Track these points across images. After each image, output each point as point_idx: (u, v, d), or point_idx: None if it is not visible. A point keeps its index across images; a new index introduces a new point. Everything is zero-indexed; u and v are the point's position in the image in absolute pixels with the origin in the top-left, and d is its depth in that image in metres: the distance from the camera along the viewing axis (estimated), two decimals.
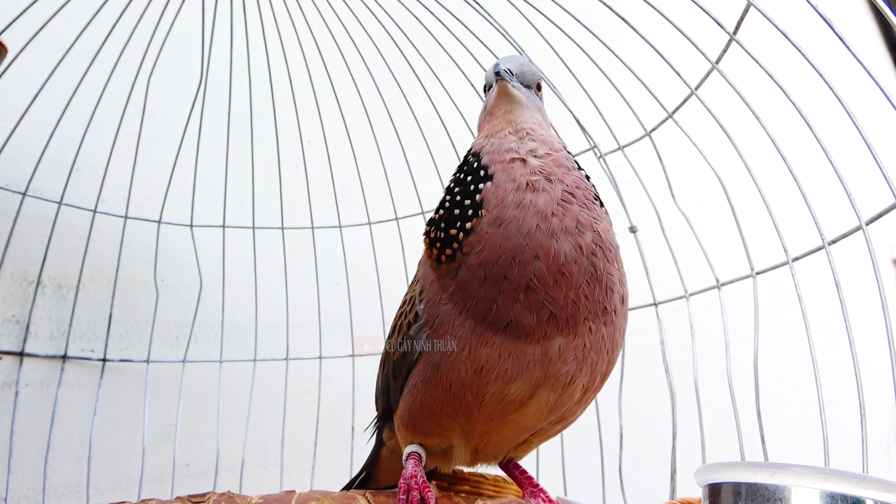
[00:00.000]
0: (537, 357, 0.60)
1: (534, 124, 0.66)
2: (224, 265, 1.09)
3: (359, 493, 0.67)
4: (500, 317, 0.59)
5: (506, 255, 0.58)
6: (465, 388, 0.62)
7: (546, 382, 0.61)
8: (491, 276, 0.59)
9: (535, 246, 0.58)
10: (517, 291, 0.58)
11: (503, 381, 0.61)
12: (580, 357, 0.61)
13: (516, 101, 0.67)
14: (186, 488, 1.02)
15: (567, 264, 0.58)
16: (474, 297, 0.60)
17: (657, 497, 0.79)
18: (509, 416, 0.64)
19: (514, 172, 0.60)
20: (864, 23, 3.53)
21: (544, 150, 0.63)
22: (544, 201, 0.59)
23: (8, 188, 0.92)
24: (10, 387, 0.93)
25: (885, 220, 0.63)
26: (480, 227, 0.60)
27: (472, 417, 0.64)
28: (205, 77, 0.99)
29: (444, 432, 0.67)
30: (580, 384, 0.63)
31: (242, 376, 1.11)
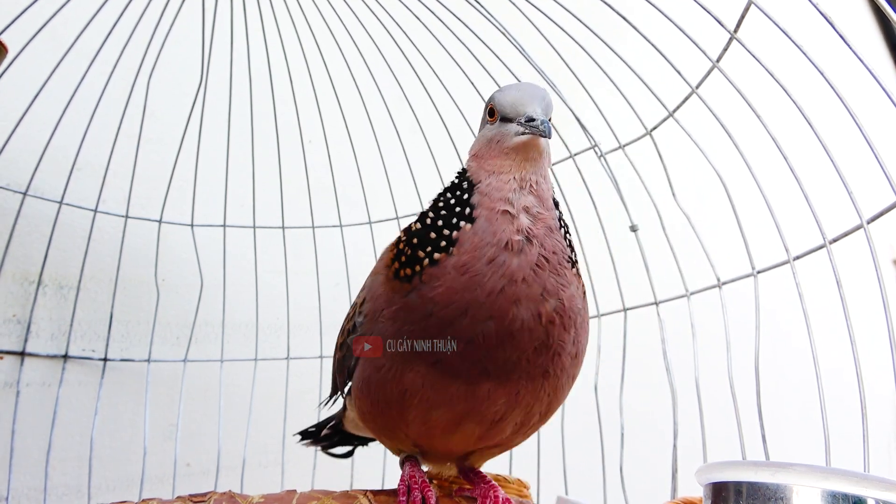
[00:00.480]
0: (462, 394, 0.59)
1: (541, 177, 0.62)
2: (225, 265, 1.09)
3: (359, 492, 0.67)
4: (432, 353, 0.59)
5: (459, 305, 0.57)
6: (391, 406, 0.63)
7: (470, 417, 0.61)
8: (437, 317, 0.58)
9: (492, 307, 0.56)
10: (458, 342, 0.57)
11: (426, 407, 0.61)
12: (511, 401, 0.60)
13: (542, 153, 0.62)
14: (187, 488, 1.02)
15: (520, 331, 0.57)
16: (412, 324, 0.60)
17: (658, 496, 0.79)
18: (436, 440, 0.64)
19: (499, 226, 0.58)
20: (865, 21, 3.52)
21: (538, 210, 0.60)
22: (518, 264, 0.57)
23: (9, 188, 0.92)
24: (12, 386, 0.93)
25: (886, 218, 0.63)
26: (446, 265, 0.58)
27: (405, 430, 0.65)
28: (205, 77, 0.99)
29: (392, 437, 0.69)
30: (512, 422, 0.62)
31: (243, 376, 1.11)
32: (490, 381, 0.59)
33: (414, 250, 0.60)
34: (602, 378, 0.96)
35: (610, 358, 0.96)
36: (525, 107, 0.61)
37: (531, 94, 0.63)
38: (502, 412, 0.61)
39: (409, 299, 0.60)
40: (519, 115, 0.61)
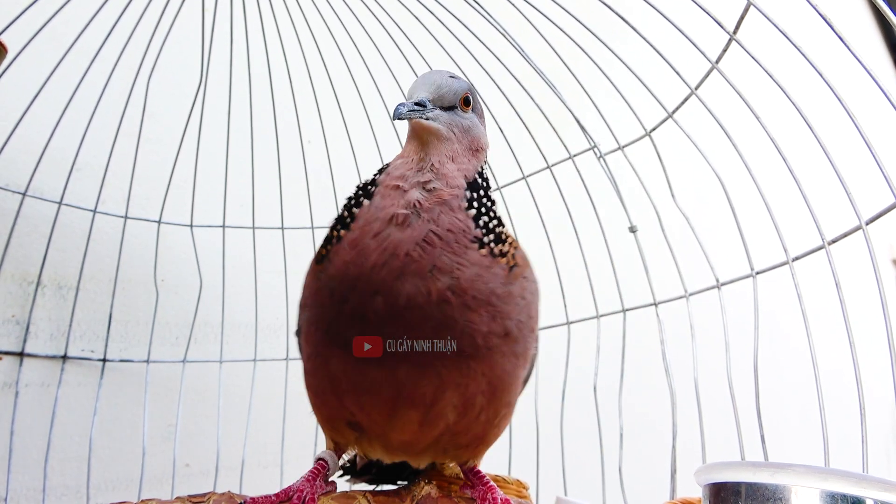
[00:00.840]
0: (383, 377, 0.59)
1: (444, 156, 0.62)
2: (224, 265, 1.09)
3: (359, 492, 0.67)
4: (339, 333, 0.59)
5: (348, 280, 0.58)
6: (328, 394, 0.64)
7: (402, 401, 0.60)
8: (336, 295, 0.59)
9: (376, 282, 0.56)
10: (354, 319, 0.58)
11: (356, 393, 0.61)
12: (437, 382, 0.59)
13: (431, 133, 0.62)
14: (187, 488, 1.02)
15: (407, 308, 0.56)
16: (321, 306, 0.61)
17: (657, 497, 0.79)
18: (383, 427, 0.63)
19: (387, 201, 0.59)
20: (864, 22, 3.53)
21: (435, 185, 0.60)
22: (401, 238, 0.56)
23: (8, 188, 0.92)
24: (11, 387, 0.93)
25: (885, 219, 0.63)
26: (343, 241, 0.59)
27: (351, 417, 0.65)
28: (205, 77, 0.99)
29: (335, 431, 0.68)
30: (449, 404, 0.61)
31: (242, 376, 1.11)
32: (406, 364, 0.58)
33: (330, 231, 0.62)
34: (601, 379, 0.96)
35: (609, 359, 0.96)
36: (414, 92, 0.63)
37: (423, 81, 0.64)
38: (431, 394, 0.60)
39: (320, 280, 0.61)
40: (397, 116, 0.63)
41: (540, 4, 0.85)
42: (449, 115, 0.64)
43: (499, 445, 1.03)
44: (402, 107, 0.60)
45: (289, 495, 0.63)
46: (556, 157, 0.99)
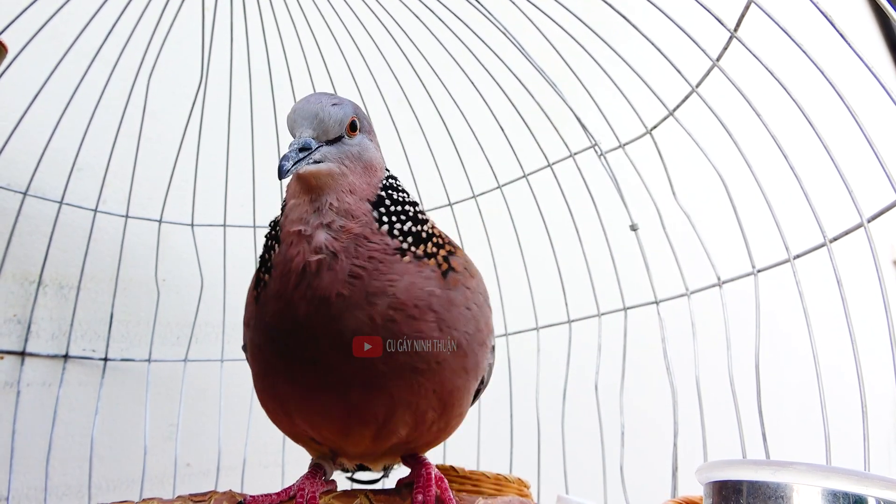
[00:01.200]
0: (333, 401, 0.59)
1: (341, 192, 0.58)
2: (225, 264, 1.09)
3: (359, 492, 0.67)
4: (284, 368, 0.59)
5: (286, 330, 0.57)
6: (280, 410, 0.63)
7: (353, 421, 0.60)
8: (275, 340, 0.59)
9: (316, 327, 0.56)
10: (302, 363, 0.57)
11: (306, 414, 0.61)
12: (389, 402, 0.59)
13: (322, 177, 0.58)
14: (188, 488, 1.02)
15: (349, 345, 0.56)
16: (262, 347, 0.61)
17: (659, 495, 0.79)
18: (337, 443, 0.64)
19: (293, 249, 0.57)
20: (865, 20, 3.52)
21: (341, 223, 0.57)
22: (327, 282, 0.55)
23: (9, 188, 0.92)
24: (12, 386, 0.93)
25: (886, 217, 0.63)
26: (268, 292, 0.59)
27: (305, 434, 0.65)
28: (205, 77, 0.99)
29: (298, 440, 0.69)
30: (401, 422, 0.61)
31: (244, 376, 1.10)
32: (356, 388, 0.58)
33: (258, 272, 0.63)
34: (602, 377, 0.96)
35: (610, 357, 0.96)
36: (295, 127, 0.58)
37: (303, 112, 0.58)
38: (383, 414, 0.59)
39: (259, 316, 0.61)
40: (293, 141, 0.57)
41: (540, 3, 0.85)
42: (337, 149, 0.59)
43: (500, 444, 1.03)
44: (286, 161, 0.54)
45: (290, 494, 0.64)
46: (557, 155, 0.99)
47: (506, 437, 1.02)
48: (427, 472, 0.67)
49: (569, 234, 0.98)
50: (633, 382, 0.95)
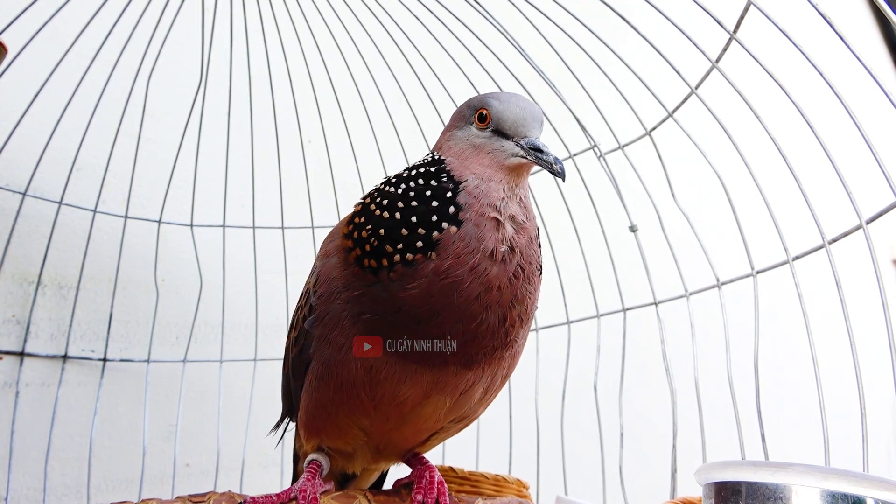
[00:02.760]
0: (428, 374, 0.60)
1: (526, 189, 0.63)
2: (224, 265, 1.09)
3: (359, 492, 0.67)
4: (394, 344, 0.59)
5: (432, 308, 0.57)
6: (358, 387, 0.62)
7: (437, 389, 0.61)
8: (405, 314, 0.57)
9: (464, 312, 0.57)
10: (423, 338, 0.58)
11: (393, 382, 0.61)
12: (477, 376, 0.62)
13: (528, 174, 0.64)
14: (187, 488, 1.02)
15: (484, 333, 0.58)
16: (375, 314, 0.59)
17: (658, 496, 0.79)
18: (406, 416, 0.64)
19: (486, 232, 0.57)
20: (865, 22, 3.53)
21: (522, 218, 0.60)
22: (497, 273, 0.57)
23: (8, 188, 0.92)
24: (11, 387, 0.93)
25: (885, 218, 0.63)
26: (423, 268, 0.56)
27: (369, 416, 0.64)
28: (205, 77, 0.99)
29: (342, 433, 0.66)
30: (480, 388, 0.63)
31: (243, 376, 1.11)
32: (455, 366, 0.60)
33: (381, 242, 0.58)
34: (601, 378, 0.96)
35: (609, 358, 0.96)
36: (527, 129, 0.61)
37: (532, 115, 0.61)
38: (471, 380, 0.62)
39: (374, 290, 0.58)
40: (519, 136, 0.60)
41: (540, 4, 0.85)
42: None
43: (499, 445, 1.03)
44: (559, 164, 0.59)
45: (290, 496, 0.63)
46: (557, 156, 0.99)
47: (505, 438, 1.02)
48: (430, 474, 0.68)
49: (568, 235, 0.99)
50: (632, 383, 0.96)
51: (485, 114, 0.62)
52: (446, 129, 0.67)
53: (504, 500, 0.71)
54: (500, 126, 0.61)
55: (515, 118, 0.61)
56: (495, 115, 0.61)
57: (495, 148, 0.61)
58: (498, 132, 0.61)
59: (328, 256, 0.65)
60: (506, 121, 0.61)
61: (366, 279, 0.59)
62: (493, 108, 0.62)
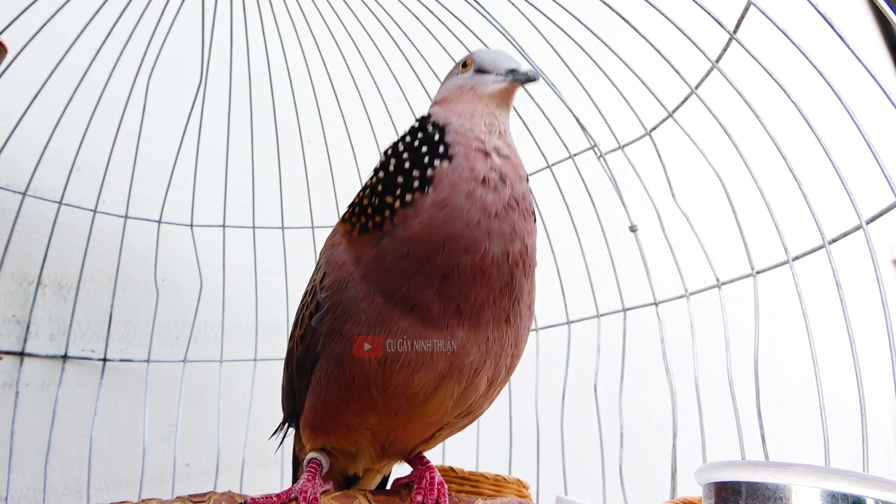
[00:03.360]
0: (440, 347, 0.60)
1: (506, 126, 0.66)
2: (224, 265, 1.09)
3: (359, 492, 0.67)
4: (408, 297, 0.59)
5: (437, 240, 0.58)
6: (370, 382, 0.62)
7: (450, 374, 0.61)
8: (414, 255, 0.58)
9: (469, 239, 0.58)
10: (434, 277, 0.58)
11: (408, 372, 0.61)
12: (483, 350, 0.61)
13: (509, 104, 0.67)
14: (187, 488, 1.02)
15: (490, 266, 0.58)
16: (388, 269, 0.59)
17: (658, 496, 0.79)
18: (415, 410, 0.64)
19: (475, 162, 0.59)
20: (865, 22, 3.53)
21: (507, 152, 0.62)
22: (492, 200, 0.59)
23: (8, 188, 0.92)
24: (11, 387, 0.93)
25: (885, 218, 0.63)
26: (422, 203, 0.58)
27: (378, 413, 0.64)
28: (205, 77, 0.99)
29: (350, 432, 0.66)
30: (485, 377, 0.63)
31: (243, 376, 1.11)
32: (463, 328, 0.60)
33: (381, 198, 0.61)
34: (601, 378, 0.96)
35: (609, 358, 0.96)
36: (504, 64, 0.65)
37: (509, 55, 0.67)
38: (476, 364, 0.62)
39: (382, 246, 0.60)
40: (498, 69, 0.65)
41: (540, 4, 0.85)
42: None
43: (499, 445, 1.03)
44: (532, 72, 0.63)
45: (290, 496, 0.63)
46: (557, 156, 0.99)
47: (505, 438, 1.02)
48: (431, 474, 0.68)
49: (568, 236, 0.99)
50: (632, 383, 0.96)
51: (467, 61, 0.68)
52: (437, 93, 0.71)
53: (504, 500, 0.71)
54: (481, 67, 0.67)
55: (493, 57, 0.66)
56: (476, 59, 0.67)
57: (477, 82, 0.66)
58: (479, 71, 0.67)
59: (334, 246, 0.66)
60: (485, 61, 0.66)
61: (373, 240, 0.61)
62: (475, 56, 0.68)
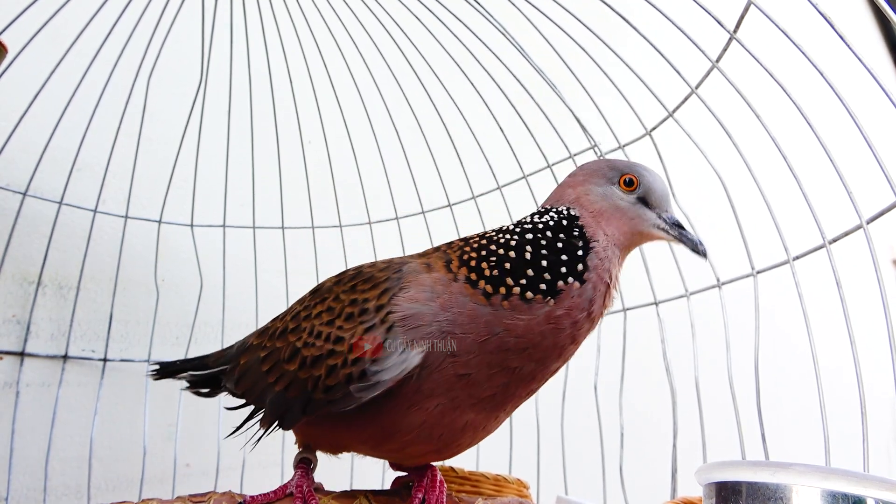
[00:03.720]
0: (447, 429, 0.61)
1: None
2: (224, 265, 1.09)
3: (359, 492, 0.67)
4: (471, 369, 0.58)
5: (525, 343, 0.58)
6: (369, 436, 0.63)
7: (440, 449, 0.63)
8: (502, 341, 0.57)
9: (547, 354, 0.59)
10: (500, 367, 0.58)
11: (405, 441, 0.61)
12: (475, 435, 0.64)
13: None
14: (187, 488, 1.02)
15: (545, 373, 0.61)
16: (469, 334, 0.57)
17: (658, 496, 0.79)
18: (406, 451, 0.65)
19: (598, 297, 0.60)
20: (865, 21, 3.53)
21: (616, 282, 0.63)
22: (586, 331, 0.61)
23: (8, 188, 0.92)
24: (11, 387, 0.93)
25: (885, 218, 0.63)
26: (538, 307, 0.57)
27: (368, 450, 0.66)
28: (205, 77, 0.99)
29: (339, 450, 0.70)
30: (479, 437, 0.66)
31: None
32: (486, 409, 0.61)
33: (503, 274, 0.58)
34: (602, 378, 0.96)
35: (609, 358, 0.96)
36: (668, 205, 0.65)
37: (670, 194, 0.67)
38: (471, 438, 0.64)
39: (478, 311, 0.57)
40: (661, 209, 0.64)
41: (540, 4, 0.85)
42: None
43: (499, 445, 1.03)
44: (702, 246, 0.63)
45: (286, 491, 0.64)
46: (557, 156, 0.99)
47: (505, 438, 1.02)
48: (433, 474, 0.69)
49: None
50: (632, 383, 0.96)
51: (633, 180, 0.64)
52: (578, 183, 0.65)
53: (504, 500, 0.71)
54: (646, 196, 0.64)
55: (662, 192, 0.64)
56: (645, 185, 0.64)
57: (639, 215, 0.63)
58: (642, 201, 0.64)
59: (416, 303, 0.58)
60: (653, 192, 0.64)
61: (475, 296, 0.58)
62: (643, 178, 0.64)
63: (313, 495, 0.64)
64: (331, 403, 0.58)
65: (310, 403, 0.60)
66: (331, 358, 0.59)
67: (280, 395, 0.64)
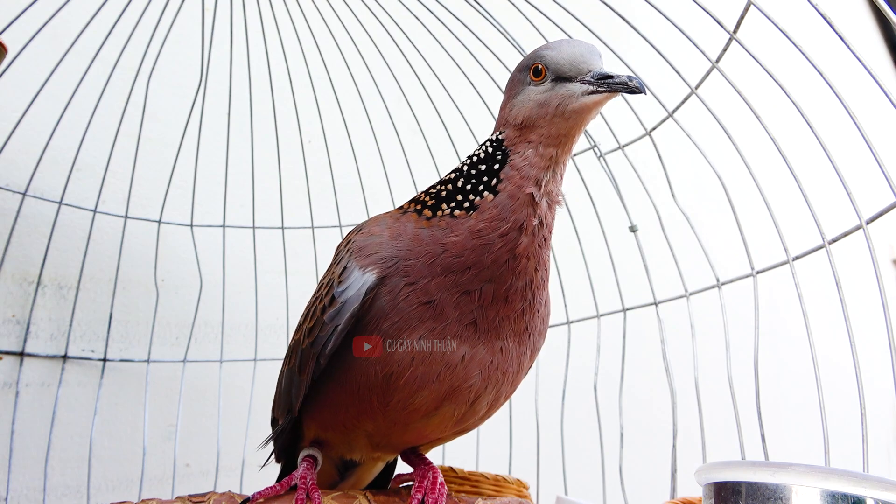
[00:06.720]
0: (449, 361, 0.60)
1: (569, 155, 0.64)
2: (224, 265, 1.09)
3: (358, 492, 0.67)
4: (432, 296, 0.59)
5: (465, 262, 0.59)
6: (372, 392, 0.62)
7: (451, 396, 0.62)
8: (445, 258, 0.59)
9: (494, 273, 0.59)
10: (458, 290, 0.59)
11: (410, 390, 0.61)
12: (485, 374, 0.62)
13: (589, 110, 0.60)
14: (187, 488, 1.02)
15: (513, 294, 0.60)
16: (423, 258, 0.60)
17: (658, 496, 0.79)
18: (413, 424, 0.64)
19: (519, 207, 0.59)
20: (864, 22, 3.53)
21: (556, 194, 0.61)
22: (526, 244, 0.59)
23: (8, 188, 0.92)
24: (11, 387, 0.93)
25: (885, 218, 0.63)
26: (462, 224, 0.60)
27: (376, 422, 0.65)
28: (205, 77, 0.99)
29: (347, 431, 0.68)
30: (485, 401, 0.64)
31: (242, 376, 1.11)
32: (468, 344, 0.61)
33: (437, 201, 0.62)
34: (601, 378, 0.96)
35: (609, 358, 0.96)
36: (588, 64, 0.58)
37: (589, 50, 0.59)
38: (477, 388, 0.62)
39: (421, 233, 0.61)
40: (581, 73, 0.58)
41: (540, 4, 0.85)
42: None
43: (499, 445, 1.03)
44: (635, 80, 0.56)
45: (292, 483, 0.65)
46: None
47: (505, 438, 1.02)
48: (433, 475, 0.68)
49: (568, 236, 0.99)
50: (632, 383, 0.96)
51: (539, 67, 0.59)
52: (504, 103, 0.64)
53: (504, 500, 0.71)
54: (560, 70, 0.58)
55: (574, 56, 0.58)
56: (551, 63, 0.59)
57: (561, 95, 0.58)
58: (559, 79, 0.59)
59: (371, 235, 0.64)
60: (564, 62, 0.58)
61: (418, 222, 0.62)
62: (546, 58, 0.59)
63: (316, 488, 0.64)
64: (313, 345, 0.63)
65: (303, 361, 0.65)
66: (315, 304, 0.66)
67: (290, 372, 0.69)
